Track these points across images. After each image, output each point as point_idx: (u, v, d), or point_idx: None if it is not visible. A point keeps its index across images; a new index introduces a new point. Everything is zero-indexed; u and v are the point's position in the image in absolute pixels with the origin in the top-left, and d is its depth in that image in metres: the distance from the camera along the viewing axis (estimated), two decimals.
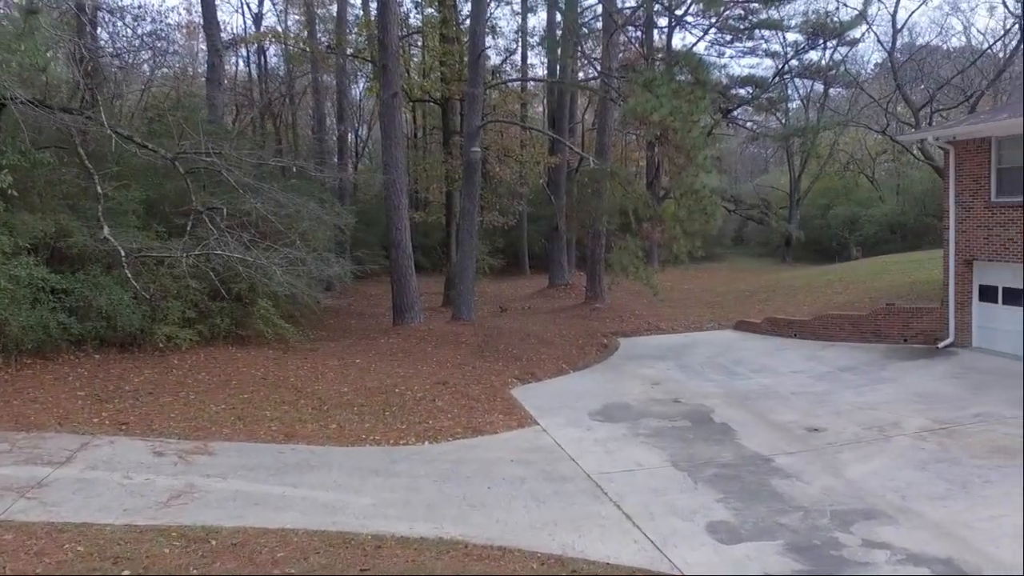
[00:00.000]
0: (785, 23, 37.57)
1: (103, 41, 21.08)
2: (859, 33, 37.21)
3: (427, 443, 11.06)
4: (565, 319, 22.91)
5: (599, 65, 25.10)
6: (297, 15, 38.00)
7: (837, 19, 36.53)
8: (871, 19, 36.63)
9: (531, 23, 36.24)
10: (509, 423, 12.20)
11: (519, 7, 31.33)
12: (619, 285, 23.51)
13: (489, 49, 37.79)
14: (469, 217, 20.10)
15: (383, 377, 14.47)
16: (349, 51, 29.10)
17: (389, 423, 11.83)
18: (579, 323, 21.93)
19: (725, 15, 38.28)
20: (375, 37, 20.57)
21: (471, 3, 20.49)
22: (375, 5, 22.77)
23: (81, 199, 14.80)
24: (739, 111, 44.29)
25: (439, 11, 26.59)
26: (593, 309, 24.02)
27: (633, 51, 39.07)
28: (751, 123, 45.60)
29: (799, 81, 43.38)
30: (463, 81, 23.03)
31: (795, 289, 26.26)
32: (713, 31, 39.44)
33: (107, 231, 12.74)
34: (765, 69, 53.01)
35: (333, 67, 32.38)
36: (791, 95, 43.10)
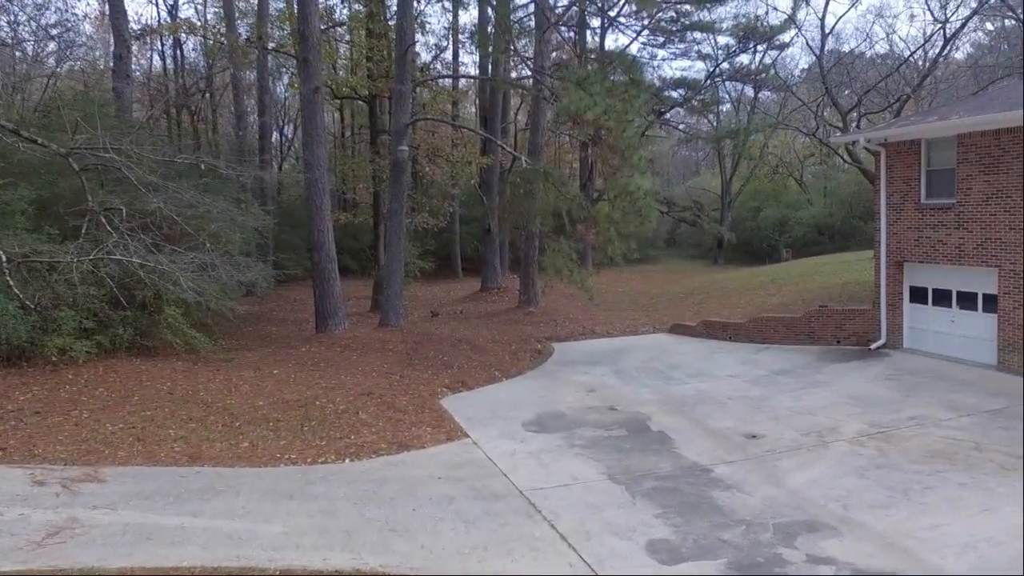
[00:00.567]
0: (716, 26, 38.28)
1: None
2: (788, 37, 38.24)
3: (348, 461, 10.33)
4: (498, 324, 22.40)
5: (532, 64, 24.70)
6: (216, 7, 36.41)
7: (767, 23, 37.41)
8: (800, 23, 37.72)
9: (463, 20, 35.68)
10: (438, 436, 11.56)
11: (450, 3, 30.71)
12: (553, 288, 23.22)
13: (419, 47, 37.04)
14: (397, 218, 19.36)
15: (303, 389, 13.61)
16: (271, 45, 27.85)
17: (307, 439, 11.03)
18: (512, 328, 21.45)
19: (658, 17, 38.73)
20: (298, 30, 19.59)
21: None
22: None
23: None
24: (671, 113, 44.95)
25: (366, 5, 25.70)
26: (527, 313, 23.60)
27: (567, 51, 39.06)
28: (683, 125, 46.29)
29: (730, 84, 44.33)
30: (390, 78, 22.27)
31: (729, 291, 26.49)
32: (646, 33, 39.91)
33: None
34: (697, 72, 54.09)
35: (254, 62, 31.04)
36: (723, 98, 43.92)
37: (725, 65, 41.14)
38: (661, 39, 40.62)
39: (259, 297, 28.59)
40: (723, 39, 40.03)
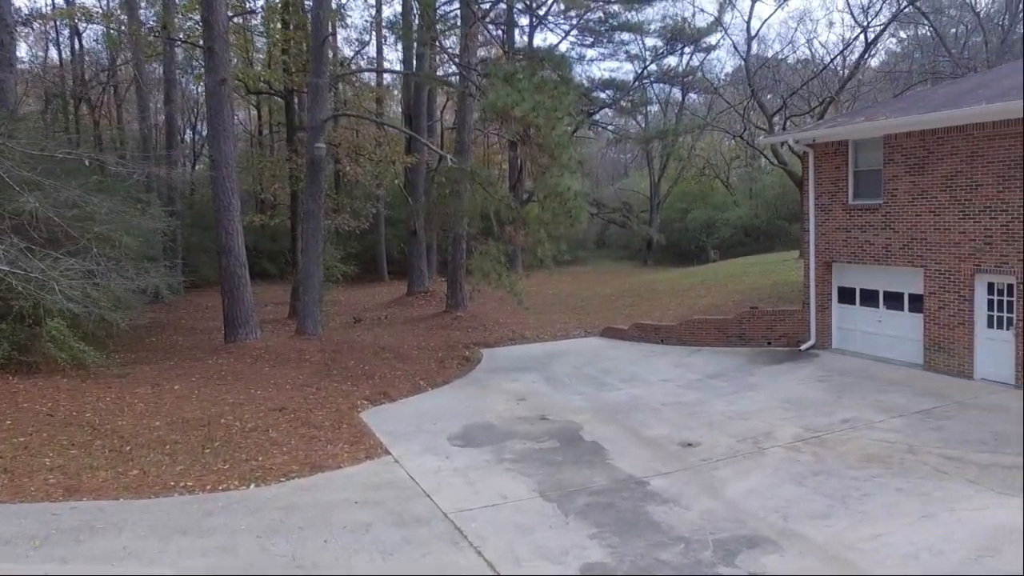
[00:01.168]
0: (644, 27, 38.61)
1: None
2: (715, 40, 38.89)
3: (254, 486, 9.43)
4: (424, 329, 21.65)
5: (458, 60, 24.05)
6: None
7: (693, 25, 37.95)
8: (726, 26, 38.39)
9: (387, 14, 34.69)
10: (356, 455, 10.77)
11: None
12: (482, 291, 22.62)
13: (341, 42, 36.03)
14: (314, 220, 18.36)
15: (207, 405, 12.56)
16: (180, 36, 26.27)
17: (208, 463, 10.06)
18: (439, 333, 20.75)
19: (586, 17, 38.80)
20: (203, 17, 18.34)
21: None
22: None
23: None
24: (600, 114, 45.13)
25: None
26: (454, 318, 22.92)
27: (495, 50, 38.64)
28: (612, 126, 46.57)
29: (658, 86, 44.83)
30: (308, 72, 21.21)
31: (659, 293, 26.50)
32: (575, 33, 39.92)
33: None
34: (626, 73, 54.71)
35: (160, 53, 29.26)
36: (651, 99, 44.35)
37: (653, 67, 41.61)
38: (590, 39, 40.74)
39: (168, 304, 26.96)
40: (651, 41, 40.49)
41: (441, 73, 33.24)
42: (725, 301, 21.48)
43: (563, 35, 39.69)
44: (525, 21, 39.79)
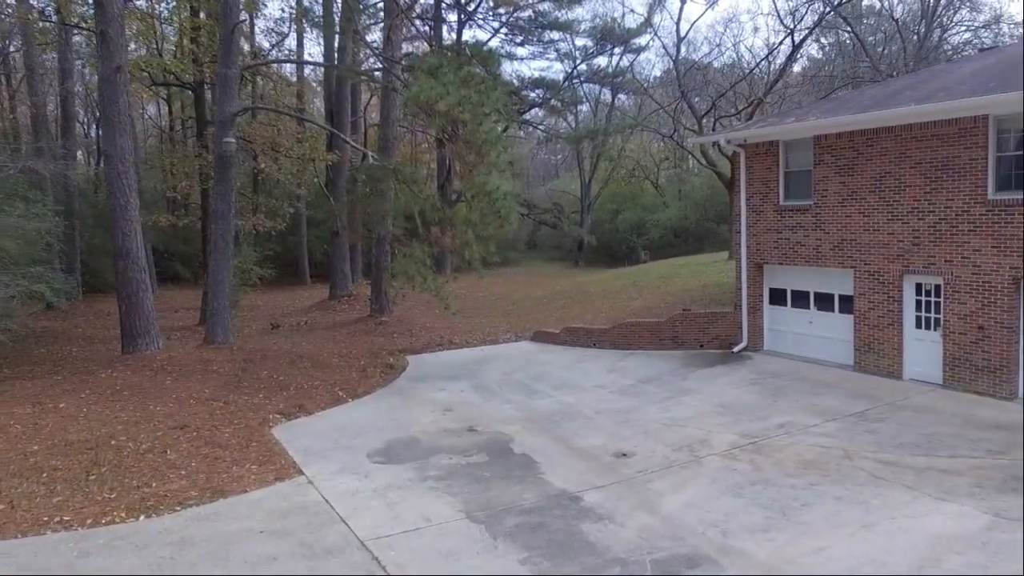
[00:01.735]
0: (574, 27, 38.55)
1: None
2: (644, 41, 39.16)
3: (144, 518, 8.49)
4: (346, 336, 20.72)
5: (382, 53, 23.22)
6: None
7: (623, 26, 38.11)
8: (656, 27, 38.73)
9: (307, 2, 33.35)
10: (265, 476, 9.92)
11: None
12: (409, 294, 21.86)
13: (259, 34, 34.47)
14: (223, 220, 17.23)
15: (96, 425, 11.43)
16: (75, 21, 24.48)
17: (91, 493, 9.04)
18: (362, 340, 19.88)
19: (516, 15, 38.48)
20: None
21: None
22: None
23: None
24: (531, 114, 44.89)
25: None
26: (379, 323, 22.05)
27: (423, 47, 37.85)
28: (543, 126, 46.43)
29: (589, 87, 44.94)
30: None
31: (591, 295, 26.27)
32: (505, 30, 39.54)
33: None
34: (556, 73, 54.74)
35: (55, 41, 27.29)
36: (581, 97, 44.40)
37: (584, 66, 41.65)
38: (520, 37, 40.45)
39: (63, 312, 25.14)
40: (581, 40, 40.51)
41: (366, 69, 32.26)
42: (657, 303, 21.36)
43: (493, 32, 39.33)
44: (454, 17, 39.29)
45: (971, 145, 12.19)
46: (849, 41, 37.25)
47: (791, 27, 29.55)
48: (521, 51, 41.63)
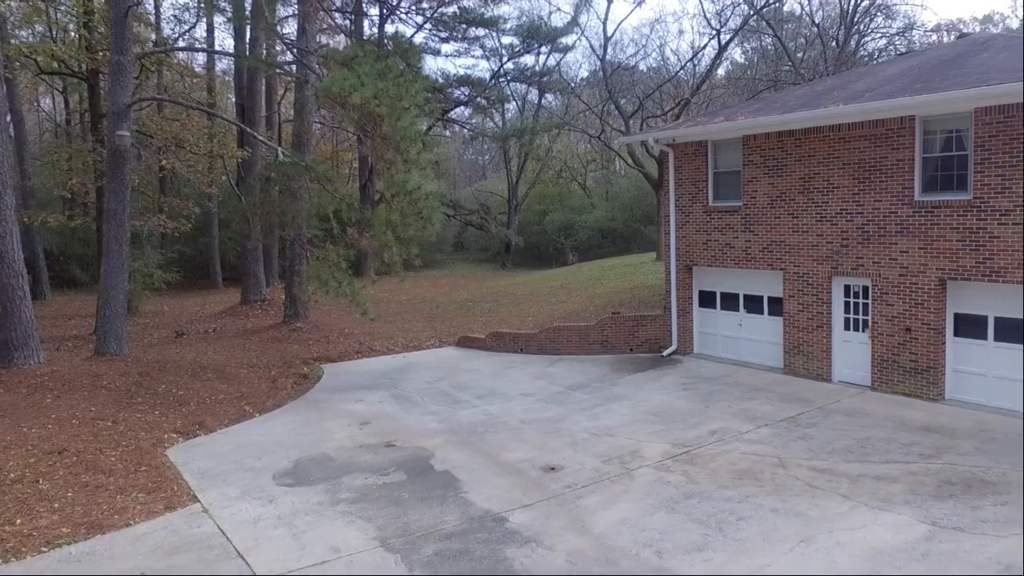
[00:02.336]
0: (500, 24, 38.10)
1: None
2: (571, 40, 39.04)
3: (1, 563, 7.41)
4: (258, 344, 19.57)
5: (296, 44, 22.11)
6: None
7: (550, 24, 37.88)
8: (583, 27, 38.69)
9: None
10: (153, 506, 8.93)
11: None
12: (325, 300, 20.88)
13: (164, 24, 32.60)
14: (117, 220, 15.89)
15: None
16: None
17: None
18: (275, 348, 18.79)
19: (440, 11, 37.76)
20: None
21: None
22: None
23: None
24: (457, 113, 44.23)
25: None
26: (293, 329, 20.94)
27: (344, 42, 36.71)
28: (469, 125, 45.86)
29: (516, 86, 44.59)
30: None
31: (518, 298, 25.79)
32: (429, 26, 38.77)
33: None
34: (482, 71, 54.17)
35: None
36: (508, 95, 44.01)
37: (510, 65, 41.25)
38: (444, 33, 39.77)
39: None
40: (507, 39, 40.10)
41: (283, 62, 30.88)
42: (586, 306, 21.02)
43: (417, 27, 38.50)
44: (376, 12, 38.31)
45: (898, 146, 12.22)
46: (771, 46, 38.16)
47: (717, 28, 29.82)
48: (446, 47, 41.28)
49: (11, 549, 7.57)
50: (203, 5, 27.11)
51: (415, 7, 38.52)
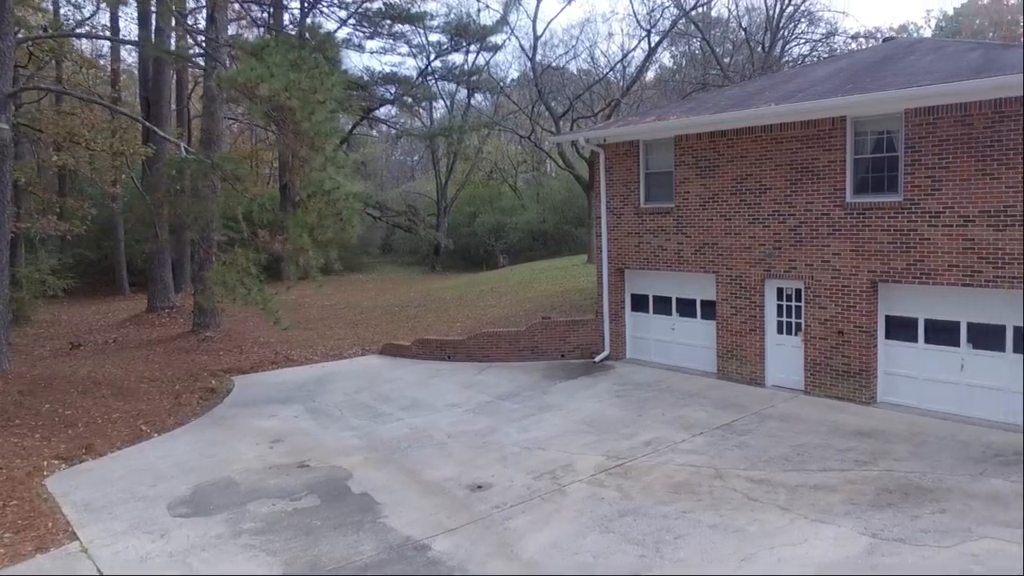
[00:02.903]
0: (427, 20, 37.37)
1: None
2: (501, 40, 38.62)
3: None
4: (162, 355, 18.31)
5: (204, 34, 20.90)
6: None
7: (478, 23, 37.37)
8: (512, 26, 38.30)
9: None
10: (21, 547, 7.91)
11: None
12: (241, 307, 19.74)
13: (68, 10, 30.55)
14: None
15: None
16: None
17: None
18: (180, 359, 17.61)
19: (364, 5, 36.77)
20: None
21: None
22: None
23: None
24: (383, 112, 43.20)
25: None
26: (203, 339, 19.72)
27: (262, 35, 35.26)
28: (395, 125, 44.92)
29: (445, 85, 43.89)
30: None
31: (447, 302, 25.12)
32: (352, 21, 37.70)
33: None
34: (409, 69, 53.18)
35: None
36: (435, 93, 43.29)
37: (438, 63, 40.53)
38: (369, 29, 38.77)
39: None
40: (435, 36, 39.40)
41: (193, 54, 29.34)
42: (516, 311, 20.53)
43: (340, 23, 37.37)
44: (296, 5, 37.03)
45: (830, 147, 12.16)
46: (700, 50, 38.66)
47: (647, 29, 29.90)
48: (371, 44, 40.24)
49: None
50: None
51: (338, 1, 37.49)
